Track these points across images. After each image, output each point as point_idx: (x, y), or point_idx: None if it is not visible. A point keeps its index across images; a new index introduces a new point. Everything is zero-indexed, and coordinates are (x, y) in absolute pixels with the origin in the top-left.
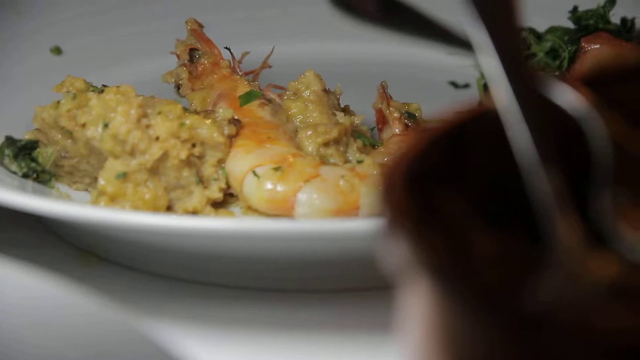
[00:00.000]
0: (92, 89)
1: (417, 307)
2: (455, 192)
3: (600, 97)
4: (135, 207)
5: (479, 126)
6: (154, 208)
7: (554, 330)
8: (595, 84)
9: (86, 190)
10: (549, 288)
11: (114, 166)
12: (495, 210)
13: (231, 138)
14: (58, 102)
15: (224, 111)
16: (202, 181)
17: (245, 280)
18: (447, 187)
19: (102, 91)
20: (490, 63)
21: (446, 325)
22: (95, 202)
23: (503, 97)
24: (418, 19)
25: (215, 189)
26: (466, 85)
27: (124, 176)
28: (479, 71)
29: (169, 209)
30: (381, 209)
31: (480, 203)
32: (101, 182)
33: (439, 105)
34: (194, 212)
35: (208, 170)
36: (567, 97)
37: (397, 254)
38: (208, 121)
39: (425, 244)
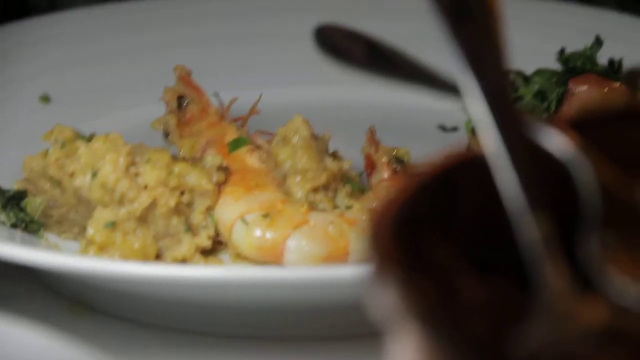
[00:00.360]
0: (80, 137)
1: (405, 354)
2: (444, 238)
3: (588, 140)
4: (125, 256)
5: (467, 171)
6: (143, 257)
7: None
8: (582, 126)
9: (75, 239)
10: (538, 334)
11: (102, 215)
12: (484, 255)
13: (220, 185)
14: (46, 151)
15: (212, 158)
16: (190, 229)
17: (236, 329)
18: (435, 232)
19: (90, 140)
20: (477, 107)
21: None
22: (84, 252)
23: (490, 141)
24: (405, 63)
25: (204, 237)
26: (454, 129)
27: (112, 225)
28: (467, 114)
29: (158, 257)
30: (369, 256)
31: (469, 248)
32: (90, 231)
33: (427, 149)
34: (183, 261)
35: (197, 217)
36: (554, 140)
37: (385, 301)
38: (196, 169)
39: (414, 290)
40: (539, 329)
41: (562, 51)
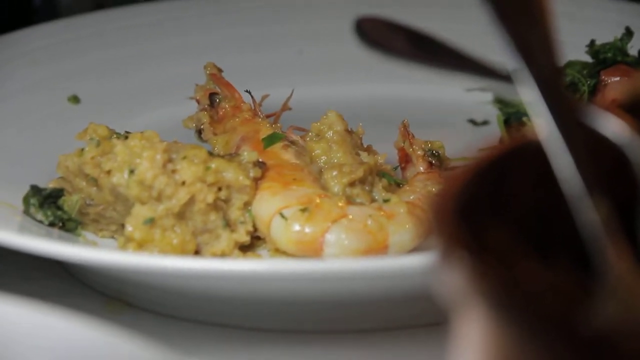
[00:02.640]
0: (115, 135)
1: (474, 336)
2: (504, 223)
3: None
4: (164, 253)
5: (522, 157)
6: (182, 253)
7: (616, 356)
8: (631, 111)
9: (112, 237)
10: (605, 314)
11: (141, 212)
12: (544, 239)
13: (257, 181)
14: (82, 149)
15: (248, 154)
16: (229, 224)
17: (278, 323)
18: (495, 218)
19: (126, 137)
20: (529, 94)
21: (505, 352)
22: (123, 249)
23: (545, 127)
24: (450, 52)
25: (242, 232)
26: (485, 122)
27: (151, 222)
28: (498, 107)
29: (197, 253)
30: (434, 240)
31: (529, 233)
32: (129, 228)
33: (459, 143)
34: (222, 256)
35: (235, 213)
36: (608, 124)
37: (452, 284)
38: (233, 164)
39: (481, 273)
40: (605, 309)
41: (592, 43)
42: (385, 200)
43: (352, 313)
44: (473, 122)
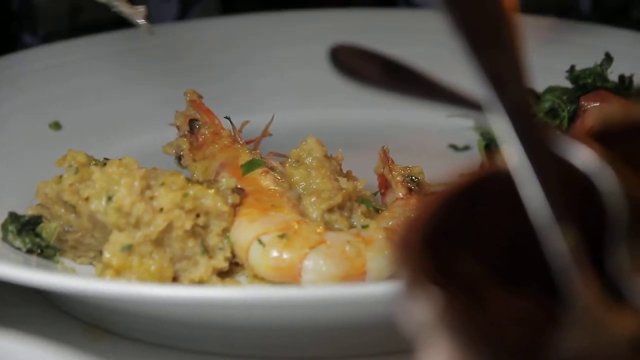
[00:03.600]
0: (94, 162)
1: None
2: (471, 252)
3: (610, 152)
4: (141, 279)
5: (490, 186)
6: (160, 279)
7: None
8: (603, 139)
9: (90, 264)
10: (570, 343)
11: (118, 239)
12: (512, 268)
13: (235, 207)
14: (60, 176)
15: (227, 180)
16: (207, 251)
17: (253, 349)
18: (462, 247)
19: (104, 164)
20: (499, 121)
21: None
22: (101, 276)
23: (514, 155)
24: (423, 81)
25: (220, 259)
26: (466, 148)
27: (129, 248)
28: (479, 133)
29: (175, 280)
30: (399, 270)
31: (496, 262)
32: (106, 255)
33: (439, 169)
34: (200, 282)
35: (213, 239)
36: (577, 152)
37: (417, 314)
38: (211, 191)
39: (446, 303)
40: (571, 339)
41: (572, 68)
42: (364, 226)
43: (327, 339)
44: (454, 147)
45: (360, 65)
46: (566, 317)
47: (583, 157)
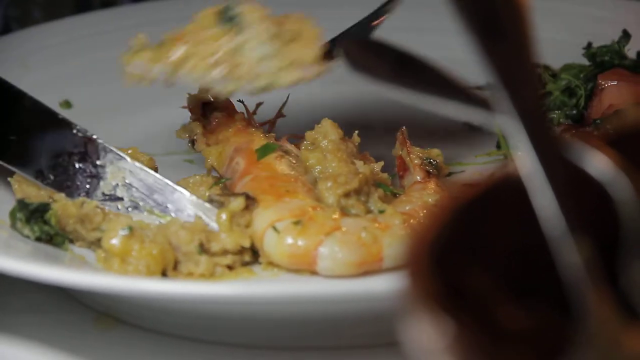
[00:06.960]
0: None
1: None
2: (481, 265)
3: (626, 158)
4: (145, 264)
5: (501, 196)
6: (163, 263)
7: None
8: (617, 145)
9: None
10: None
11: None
12: (523, 282)
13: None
14: None
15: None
16: (204, 250)
17: (263, 339)
18: (472, 260)
19: None
20: (512, 127)
21: None
22: (101, 262)
23: (526, 162)
24: (436, 78)
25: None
26: (481, 127)
27: (129, 231)
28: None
29: (177, 264)
30: (405, 290)
31: (507, 275)
32: (111, 241)
33: (456, 150)
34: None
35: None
36: (592, 160)
37: (422, 336)
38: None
39: (452, 324)
40: (584, 357)
41: (589, 45)
42: (381, 211)
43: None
44: (469, 125)
45: (372, 61)
46: (579, 333)
47: (598, 164)
